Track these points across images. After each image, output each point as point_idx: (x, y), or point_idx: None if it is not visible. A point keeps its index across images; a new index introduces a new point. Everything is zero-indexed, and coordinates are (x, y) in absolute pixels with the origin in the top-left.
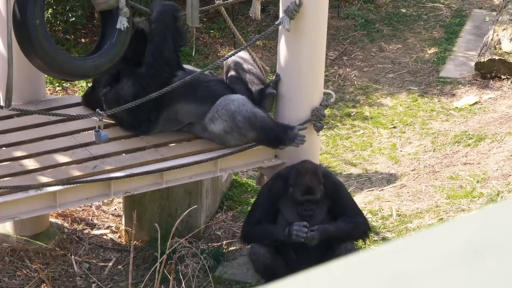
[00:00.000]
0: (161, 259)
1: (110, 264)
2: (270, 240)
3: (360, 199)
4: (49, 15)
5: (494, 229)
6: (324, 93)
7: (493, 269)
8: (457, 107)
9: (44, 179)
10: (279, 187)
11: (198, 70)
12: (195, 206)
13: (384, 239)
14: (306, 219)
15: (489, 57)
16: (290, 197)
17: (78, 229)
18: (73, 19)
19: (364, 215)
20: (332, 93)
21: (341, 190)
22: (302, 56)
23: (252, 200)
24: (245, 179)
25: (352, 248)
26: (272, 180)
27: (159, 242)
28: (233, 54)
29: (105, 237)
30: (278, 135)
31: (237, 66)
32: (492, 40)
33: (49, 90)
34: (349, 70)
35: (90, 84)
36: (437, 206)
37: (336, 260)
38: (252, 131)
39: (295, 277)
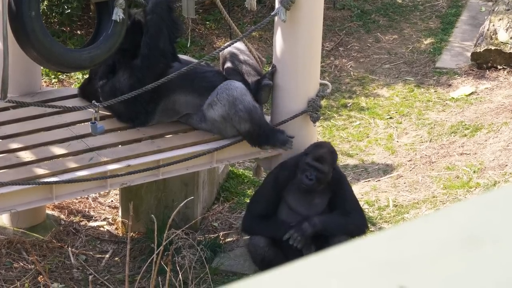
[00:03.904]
0: (158, 250)
1: (107, 256)
2: (270, 236)
3: (357, 189)
4: (45, 7)
5: (489, 216)
6: (320, 84)
7: (489, 255)
8: (453, 98)
9: (40, 171)
10: (285, 177)
11: (194, 60)
12: (192, 198)
13: (380, 229)
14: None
15: (485, 47)
16: (296, 183)
17: (74, 221)
18: (69, 10)
19: (364, 212)
20: (328, 84)
21: (344, 183)
22: (298, 47)
23: (249, 192)
24: (241, 170)
25: (345, 240)
26: (277, 170)
27: (155, 233)
28: (229, 45)
29: (101, 229)
30: (269, 134)
31: (233, 57)
32: (488, 30)
33: (45, 82)
34: (345, 61)
35: (86, 76)
36: (434, 197)
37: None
38: (247, 123)
39: (291, 265)
